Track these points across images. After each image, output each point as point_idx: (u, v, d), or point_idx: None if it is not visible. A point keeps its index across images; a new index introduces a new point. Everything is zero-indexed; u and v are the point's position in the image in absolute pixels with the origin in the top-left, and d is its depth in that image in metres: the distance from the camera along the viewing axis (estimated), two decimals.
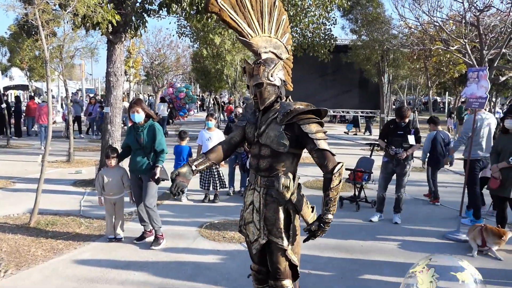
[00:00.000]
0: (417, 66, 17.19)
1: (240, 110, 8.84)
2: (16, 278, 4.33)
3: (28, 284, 4.21)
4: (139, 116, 5.14)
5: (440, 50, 14.05)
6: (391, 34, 17.97)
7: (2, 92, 16.37)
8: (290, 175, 2.78)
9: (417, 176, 10.11)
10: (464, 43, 11.94)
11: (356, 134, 21.03)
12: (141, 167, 5.18)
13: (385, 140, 6.53)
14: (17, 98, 19.65)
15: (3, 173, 9.22)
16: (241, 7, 2.97)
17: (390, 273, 4.60)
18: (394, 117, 6.64)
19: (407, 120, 6.46)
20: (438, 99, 43.12)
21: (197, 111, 34.37)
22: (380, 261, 4.96)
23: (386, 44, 16.90)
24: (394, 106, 30.20)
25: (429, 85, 17.34)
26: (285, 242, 2.84)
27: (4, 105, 15.00)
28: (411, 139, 6.34)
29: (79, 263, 4.74)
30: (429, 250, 5.29)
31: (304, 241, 2.83)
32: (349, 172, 7.50)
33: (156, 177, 5.06)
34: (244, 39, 2.99)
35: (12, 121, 16.41)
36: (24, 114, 18.09)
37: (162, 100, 19.35)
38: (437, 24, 12.68)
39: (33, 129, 17.55)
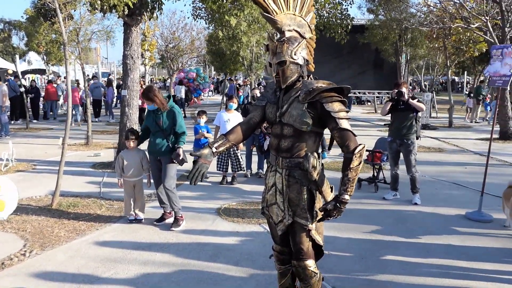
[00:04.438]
0: (436, 45, 16.81)
1: (257, 92, 8.73)
2: (41, 258, 4.40)
3: (53, 264, 4.28)
4: (153, 106, 5.15)
5: (460, 28, 13.68)
6: (409, 13, 17.59)
7: (20, 76, 16.54)
8: (315, 154, 2.73)
9: (435, 157, 9.98)
10: (485, 21, 11.61)
11: None
12: (160, 149, 5.18)
13: (390, 117, 6.63)
14: (33, 82, 19.87)
15: (24, 156, 9.36)
16: None
17: (412, 254, 4.54)
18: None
19: (404, 90, 6.36)
20: (456, 79, 42.30)
21: (212, 94, 34.36)
22: (401, 241, 4.90)
23: (404, 23, 16.55)
24: (411, 87, 29.72)
25: (448, 64, 16.95)
26: (310, 222, 2.80)
27: (23, 89, 15.16)
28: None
29: (101, 244, 4.79)
30: (450, 230, 5.22)
31: (319, 220, 2.80)
32: (367, 153, 7.40)
33: (180, 158, 5.07)
34: (269, 15, 2.90)
35: (29, 105, 16.60)
36: (43, 97, 18.30)
37: (180, 82, 19.46)
38: (457, 1, 12.33)
39: (51, 112, 17.75)
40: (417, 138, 6.49)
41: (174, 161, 5.13)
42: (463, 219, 5.70)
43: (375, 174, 7.26)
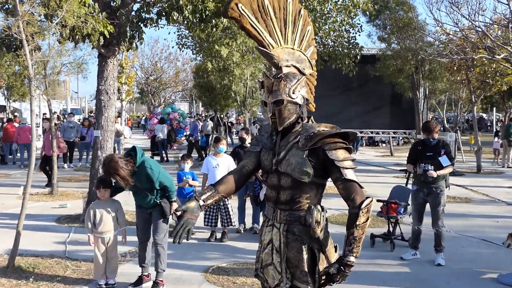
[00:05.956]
0: (458, 78, 17.19)
1: (244, 133, 8.79)
2: None
3: None
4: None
5: (484, 59, 14.07)
6: (426, 42, 18.08)
7: None
8: (319, 207, 2.79)
9: (461, 208, 10.04)
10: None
11: None
12: (148, 202, 5.32)
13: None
14: None
15: None
16: (263, 14, 3.02)
17: None
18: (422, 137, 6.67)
19: (435, 136, 6.51)
20: (484, 116, 42.94)
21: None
22: None
23: (420, 53, 17.00)
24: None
25: (473, 100, 17.29)
26: (311, 287, 2.83)
27: None
28: (444, 160, 6.37)
29: None
30: None
31: (320, 286, 2.83)
32: (381, 204, 7.43)
33: (176, 215, 5.22)
34: (265, 49, 3.03)
35: None
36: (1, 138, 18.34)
37: (161, 121, 19.68)
38: (480, 29, 12.76)
39: (10, 156, 17.75)
40: (446, 187, 6.54)
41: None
42: (495, 283, 5.70)
43: (391, 229, 7.28)
